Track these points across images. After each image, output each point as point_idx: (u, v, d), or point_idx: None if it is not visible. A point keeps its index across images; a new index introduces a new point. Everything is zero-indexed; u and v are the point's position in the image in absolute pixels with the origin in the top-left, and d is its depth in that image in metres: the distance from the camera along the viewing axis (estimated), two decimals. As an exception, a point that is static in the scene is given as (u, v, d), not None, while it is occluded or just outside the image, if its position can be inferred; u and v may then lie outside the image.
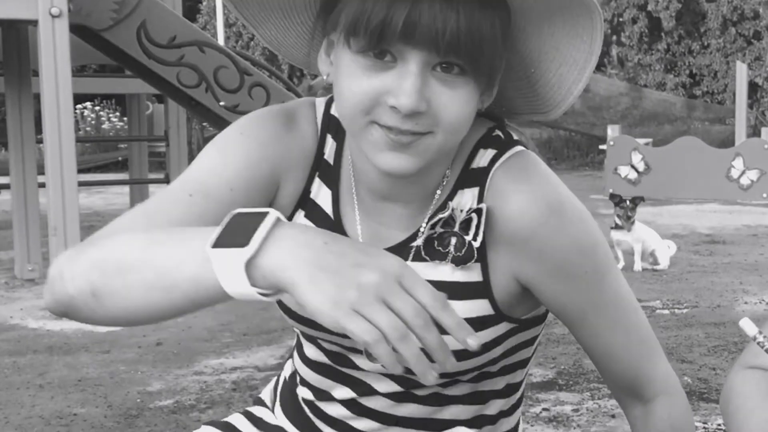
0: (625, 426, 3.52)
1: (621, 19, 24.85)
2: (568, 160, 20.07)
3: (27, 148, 7.29)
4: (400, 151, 1.11)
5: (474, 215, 1.19)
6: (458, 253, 1.20)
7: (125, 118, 16.34)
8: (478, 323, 1.22)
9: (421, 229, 1.22)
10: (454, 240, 1.20)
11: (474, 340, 0.96)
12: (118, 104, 20.39)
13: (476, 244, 1.19)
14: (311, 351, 1.37)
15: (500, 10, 1.11)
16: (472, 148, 1.23)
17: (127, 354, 4.91)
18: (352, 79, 1.10)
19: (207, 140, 19.22)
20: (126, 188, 11.35)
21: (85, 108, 20.22)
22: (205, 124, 18.25)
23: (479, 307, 1.23)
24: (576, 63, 1.17)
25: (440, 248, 1.21)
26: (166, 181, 9.25)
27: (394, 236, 1.25)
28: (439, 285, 1.20)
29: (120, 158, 17.53)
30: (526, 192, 1.18)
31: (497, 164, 1.21)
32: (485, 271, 1.22)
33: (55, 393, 4.21)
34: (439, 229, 1.21)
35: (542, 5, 1.13)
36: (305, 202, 1.28)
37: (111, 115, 20.45)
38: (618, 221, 7.36)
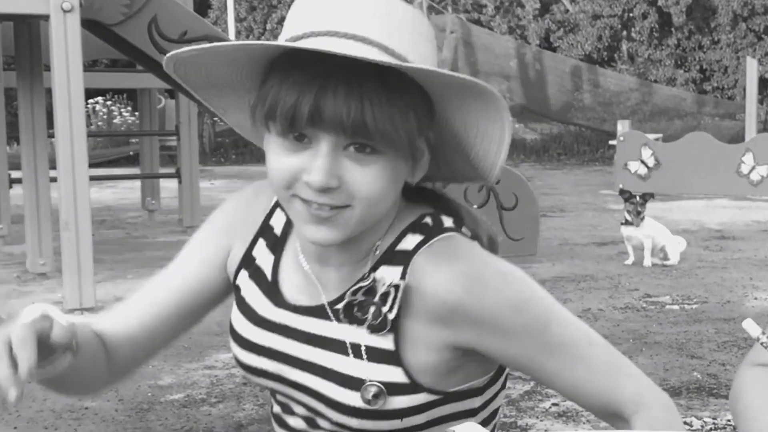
0: (634, 421, 3.53)
1: (631, 15, 24.80)
2: (578, 156, 20.05)
3: (39, 142, 7.32)
4: (321, 223, 1.23)
5: (392, 289, 1.27)
6: (374, 321, 1.28)
7: (137, 113, 16.36)
8: (393, 389, 1.28)
9: (345, 295, 1.30)
10: (372, 309, 1.28)
11: (12, 396, 1.10)
12: (129, 99, 20.37)
13: (391, 316, 1.27)
14: (275, 406, 1.44)
15: (413, 91, 1.21)
16: (400, 232, 1.31)
17: (138, 348, 4.92)
18: (275, 157, 1.24)
19: (218, 135, 19.23)
20: (137, 183, 11.37)
21: (96, 103, 20.23)
22: (216, 119, 18.25)
23: (392, 374, 1.28)
24: (493, 138, 1.27)
25: (359, 314, 1.29)
26: (177, 175, 9.25)
27: (322, 298, 1.33)
28: (355, 347, 1.29)
29: (131, 153, 17.54)
30: (444, 270, 1.26)
31: (421, 249, 1.29)
32: (397, 341, 1.28)
33: (66, 386, 4.23)
34: (360, 297, 1.29)
35: (446, 88, 1.22)
36: (250, 265, 1.42)
37: (122, 110, 20.46)
38: (628, 217, 7.36)
